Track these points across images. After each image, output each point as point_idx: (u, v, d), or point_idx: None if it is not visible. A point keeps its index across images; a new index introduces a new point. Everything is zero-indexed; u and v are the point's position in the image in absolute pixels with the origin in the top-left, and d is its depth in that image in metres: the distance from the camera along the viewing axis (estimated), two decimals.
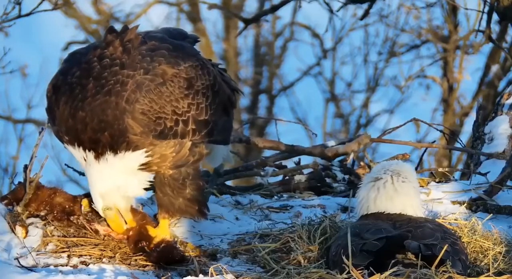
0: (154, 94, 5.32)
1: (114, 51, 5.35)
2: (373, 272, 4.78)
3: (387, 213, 5.36)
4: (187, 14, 17.55)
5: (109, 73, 5.29)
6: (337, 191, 7.08)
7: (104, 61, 5.33)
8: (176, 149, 5.44)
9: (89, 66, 5.34)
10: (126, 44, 5.37)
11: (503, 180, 6.51)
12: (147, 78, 5.31)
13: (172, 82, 5.38)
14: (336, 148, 7.29)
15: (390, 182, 5.39)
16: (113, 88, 5.26)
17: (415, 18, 16.09)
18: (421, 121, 7.63)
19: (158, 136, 5.35)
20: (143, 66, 5.33)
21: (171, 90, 5.37)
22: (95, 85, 5.29)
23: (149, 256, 5.45)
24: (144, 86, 5.29)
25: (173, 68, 5.39)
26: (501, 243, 5.42)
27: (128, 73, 5.29)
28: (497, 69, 14.58)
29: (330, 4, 10.77)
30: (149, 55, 5.38)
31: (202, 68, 5.55)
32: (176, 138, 5.42)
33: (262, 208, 6.46)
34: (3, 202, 5.63)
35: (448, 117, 15.22)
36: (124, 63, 5.31)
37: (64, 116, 5.34)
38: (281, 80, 17.96)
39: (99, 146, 5.29)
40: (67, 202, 5.65)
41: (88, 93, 5.28)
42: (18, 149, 15.54)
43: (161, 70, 5.35)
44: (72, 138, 5.34)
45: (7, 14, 8.64)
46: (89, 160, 5.34)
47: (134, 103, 5.26)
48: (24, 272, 5.17)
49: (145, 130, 5.31)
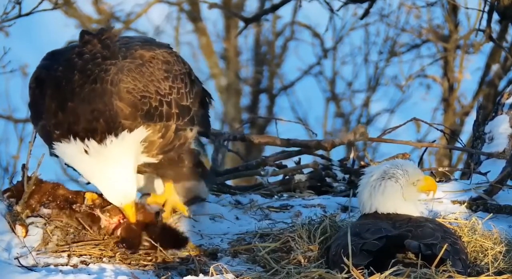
0: (135, 73, 5.41)
1: (93, 48, 5.42)
2: (373, 272, 4.78)
3: (387, 213, 5.36)
4: (188, 14, 17.55)
5: (92, 65, 5.35)
6: (337, 190, 7.08)
7: (84, 56, 5.39)
8: (162, 133, 5.50)
9: (71, 62, 5.39)
10: (105, 41, 5.45)
11: (503, 179, 6.51)
12: (126, 61, 5.42)
13: (151, 63, 5.51)
14: (332, 138, 7.30)
15: (390, 182, 5.38)
16: (98, 76, 5.32)
17: (416, 17, 16.09)
18: (421, 121, 7.63)
19: (145, 116, 5.40)
20: (121, 55, 5.43)
21: (151, 71, 5.49)
22: (81, 77, 5.33)
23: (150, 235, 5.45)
24: (125, 67, 5.38)
25: (149, 51, 5.53)
26: (501, 242, 5.42)
27: (111, 62, 5.38)
28: (497, 68, 14.57)
29: (330, 4, 10.78)
30: (124, 46, 5.50)
31: (177, 56, 5.72)
32: (162, 120, 5.49)
33: (262, 207, 6.47)
34: (5, 194, 5.63)
35: (448, 116, 15.21)
36: (106, 55, 5.40)
37: (51, 110, 5.33)
38: (281, 79, 17.97)
39: (97, 133, 5.29)
40: (70, 193, 5.67)
41: (75, 85, 5.31)
42: (19, 148, 15.51)
43: (138, 54, 5.49)
44: (65, 132, 5.31)
45: (7, 14, 8.65)
46: (92, 148, 5.30)
47: (119, 83, 5.33)
48: (24, 272, 5.17)
49: (133, 111, 5.35)
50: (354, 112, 17.43)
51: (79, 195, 5.66)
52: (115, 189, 5.42)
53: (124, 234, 5.52)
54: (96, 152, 5.30)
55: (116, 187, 5.40)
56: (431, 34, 15.78)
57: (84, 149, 5.31)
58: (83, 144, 5.30)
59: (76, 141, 5.30)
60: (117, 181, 5.39)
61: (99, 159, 5.32)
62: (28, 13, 8.73)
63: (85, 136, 5.28)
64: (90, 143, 5.29)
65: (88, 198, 5.63)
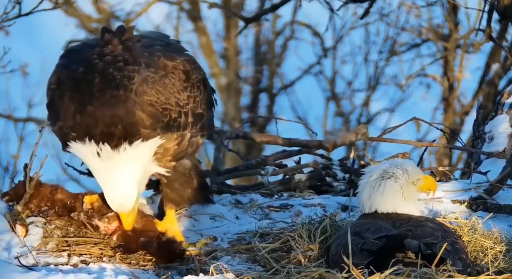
0: (159, 85, 5.38)
1: (115, 49, 5.37)
2: (373, 271, 4.78)
3: (387, 212, 5.35)
4: (188, 13, 17.55)
5: (114, 69, 5.30)
6: (337, 190, 7.08)
7: (105, 58, 5.34)
8: (178, 141, 5.49)
9: (91, 63, 5.34)
10: (126, 42, 5.39)
11: (503, 179, 6.51)
12: (150, 71, 5.37)
13: (174, 74, 5.47)
14: (333, 138, 7.29)
15: (390, 181, 5.38)
16: (121, 83, 5.28)
17: (416, 17, 16.09)
18: (421, 120, 7.63)
19: (164, 128, 5.38)
20: (144, 61, 5.38)
21: (173, 82, 5.45)
22: (101, 80, 5.29)
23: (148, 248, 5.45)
24: (149, 78, 5.34)
25: (172, 61, 5.48)
26: (501, 242, 5.42)
27: (134, 68, 5.33)
28: (497, 68, 14.57)
29: (330, 3, 10.79)
30: (146, 51, 5.45)
31: (194, 63, 5.67)
32: (179, 130, 5.47)
33: (262, 207, 6.46)
34: (4, 198, 5.63)
35: (448, 116, 15.21)
36: (127, 59, 5.35)
37: (70, 112, 5.31)
38: (281, 79, 17.97)
39: (113, 138, 5.28)
40: (68, 198, 5.65)
41: (95, 88, 5.27)
42: (19, 147, 15.53)
43: (162, 63, 5.43)
44: (82, 134, 5.29)
45: (7, 13, 8.65)
46: (105, 152, 5.29)
47: (142, 95, 5.30)
48: (24, 271, 5.17)
49: (154, 122, 5.33)
50: (354, 112, 17.44)
51: (78, 199, 5.64)
52: (115, 195, 5.42)
53: (121, 239, 5.52)
54: (108, 157, 5.29)
55: (116, 193, 5.40)
56: (431, 33, 15.78)
57: (97, 151, 5.30)
58: (97, 147, 5.28)
59: (91, 143, 5.28)
60: (118, 188, 5.38)
61: (108, 163, 5.31)
62: (28, 13, 8.73)
63: (100, 140, 5.26)
64: (104, 146, 5.27)
65: (87, 201, 5.61)
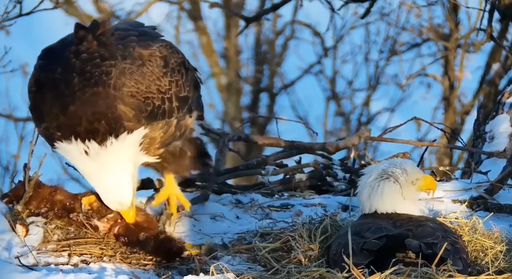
0: (137, 75, 5.39)
1: (90, 46, 5.39)
2: (373, 271, 4.78)
3: (387, 212, 5.35)
4: (188, 13, 17.56)
5: (91, 66, 5.32)
6: (338, 189, 7.08)
7: (82, 56, 5.36)
8: (164, 129, 5.50)
9: (68, 62, 5.35)
10: (100, 38, 5.41)
11: (503, 178, 6.51)
12: (127, 62, 5.38)
13: (151, 61, 5.48)
14: (336, 142, 7.30)
15: (389, 181, 5.38)
16: (99, 79, 5.29)
17: (416, 16, 16.09)
18: (422, 120, 7.62)
19: (148, 117, 5.39)
20: (120, 54, 5.40)
21: (151, 70, 5.46)
22: (80, 79, 5.30)
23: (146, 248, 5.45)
24: (126, 70, 5.36)
25: (147, 49, 5.49)
26: (502, 241, 5.42)
27: (110, 63, 5.35)
28: (498, 67, 14.57)
29: (331, 3, 10.78)
30: (120, 43, 5.46)
31: (171, 47, 5.68)
32: (164, 118, 5.49)
33: (263, 206, 6.46)
34: (3, 200, 5.63)
35: (449, 115, 15.21)
36: (104, 55, 5.36)
37: (53, 114, 5.32)
38: (282, 78, 17.98)
39: (98, 134, 5.29)
40: (67, 199, 5.64)
41: (76, 88, 5.28)
42: (19, 147, 15.53)
43: (137, 53, 5.45)
44: (67, 133, 5.31)
45: (8, 13, 8.64)
46: (92, 149, 5.30)
47: (122, 88, 5.32)
48: (24, 271, 5.17)
49: (137, 113, 5.34)
50: (355, 111, 17.45)
51: (77, 200, 5.63)
52: (112, 194, 5.43)
53: (121, 231, 5.51)
54: (96, 154, 5.30)
55: (113, 192, 5.41)
56: (431, 33, 15.78)
57: (84, 150, 5.31)
58: (84, 145, 5.30)
59: (78, 141, 5.29)
60: (113, 186, 5.39)
61: (98, 161, 5.32)
62: (28, 13, 8.73)
63: (86, 137, 5.28)
64: (91, 144, 5.29)
65: (85, 203, 5.60)
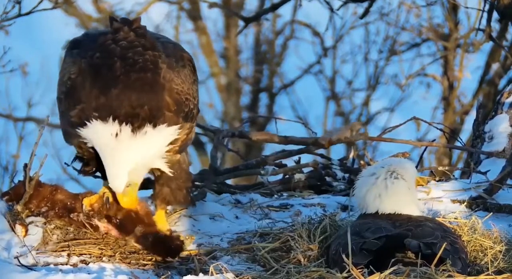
0: (182, 75, 5.43)
1: (128, 35, 5.38)
2: (373, 271, 4.79)
3: (387, 212, 5.35)
4: (188, 13, 17.55)
5: (133, 53, 5.32)
6: (337, 189, 7.08)
7: (121, 43, 5.35)
8: (188, 131, 5.50)
9: (107, 48, 5.34)
10: (137, 30, 5.40)
11: (503, 178, 6.51)
12: (172, 60, 5.41)
13: (189, 66, 5.53)
14: (329, 136, 7.30)
15: (390, 181, 5.38)
16: (145, 66, 5.30)
17: (416, 16, 16.07)
18: (421, 120, 7.62)
19: (184, 117, 5.42)
20: (161, 49, 5.40)
21: (189, 74, 5.50)
22: (123, 64, 5.29)
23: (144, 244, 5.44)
24: (174, 67, 5.39)
25: (185, 52, 5.55)
26: (501, 241, 5.42)
27: (154, 53, 5.35)
28: (497, 67, 14.57)
29: (330, 3, 10.79)
30: (158, 41, 5.46)
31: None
32: (192, 121, 5.51)
33: (262, 206, 6.46)
34: (4, 198, 5.63)
35: (448, 115, 15.20)
36: (145, 44, 5.37)
37: (92, 95, 5.29)
38: (281, 78, 17.96)
39: (137, 119, 5.28)
40: (68, 199, 5.64)
41: (118, 72, 5.27)
42: (19, 147, 15.53)
43: (179, 54, 5.49)
44: (105, 114, 5.26)
45: (7, 13, 8.64)
46: (123, 134, 5.27)
47: (170, 82, 5.34)
48: (24, 271, 5.17)
49: (178, 110, 5.37)
50: (354, 111, 17.43)
51: (78, 200, 5.62)
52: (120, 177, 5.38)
53: (119, 216, 5.50)
54: (125, 139, 5.27)
55: (121, 176, 5.37)
56: (431, 33, 15.77)
57: (116, 132, 5.28)
58: (119, 127, 5.27)
59: (114, 123, 5.26)
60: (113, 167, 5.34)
61: (123, 146, 5.28)
62: (28, 13, 8.72)
63: (124, 121, 5.26)
64: (126, 127, 5.26)
65: (86, 204, 5.60)
